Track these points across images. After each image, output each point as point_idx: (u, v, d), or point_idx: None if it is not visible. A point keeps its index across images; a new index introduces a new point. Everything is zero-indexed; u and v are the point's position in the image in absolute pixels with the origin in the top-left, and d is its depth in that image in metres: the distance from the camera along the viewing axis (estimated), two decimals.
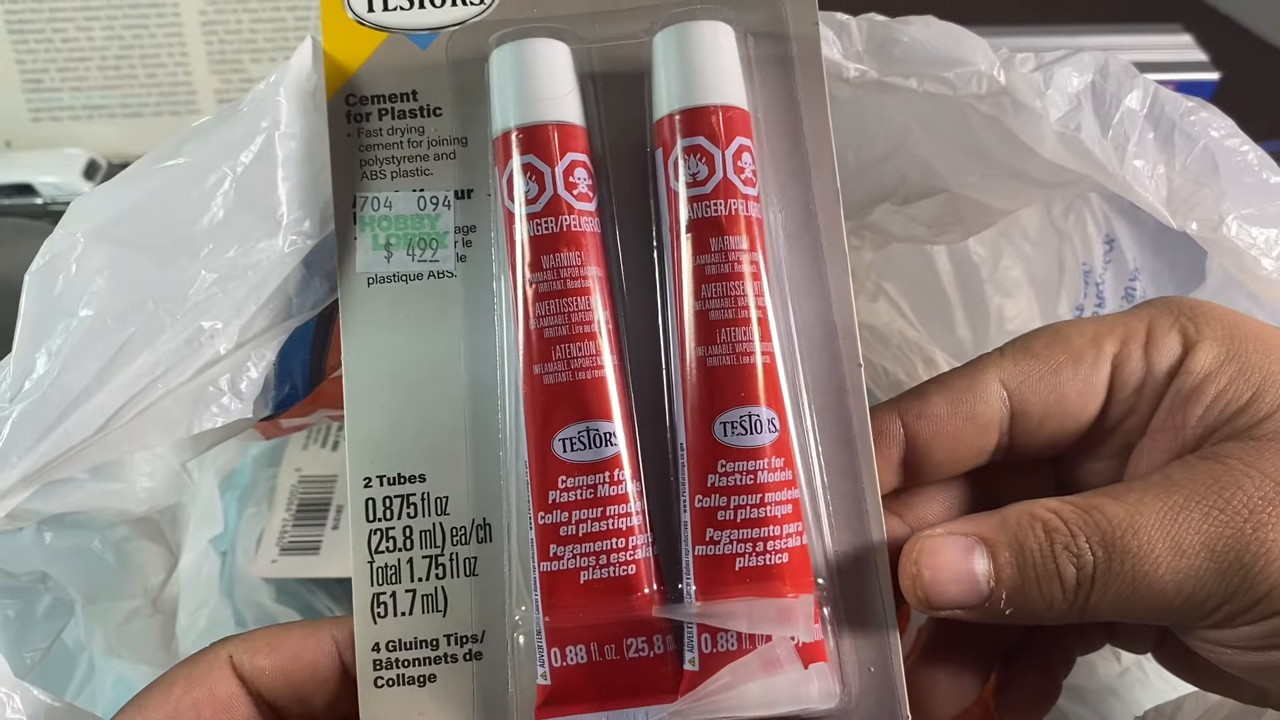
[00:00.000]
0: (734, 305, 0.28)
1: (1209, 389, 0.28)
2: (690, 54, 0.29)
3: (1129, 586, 0.26)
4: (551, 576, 0.28)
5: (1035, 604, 0.27)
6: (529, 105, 0.29)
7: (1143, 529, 0.26)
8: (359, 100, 0.31)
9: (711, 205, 0.28)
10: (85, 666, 0.37)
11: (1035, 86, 0.32)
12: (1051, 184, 0.35)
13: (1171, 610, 0.26)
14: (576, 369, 0.28)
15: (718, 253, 0.28)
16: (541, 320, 0.28)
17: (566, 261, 0.28)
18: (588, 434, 0.28)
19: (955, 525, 0.28)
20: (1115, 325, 0.30)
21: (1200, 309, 0.30)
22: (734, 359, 0.28)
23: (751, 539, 0.28)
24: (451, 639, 0.29)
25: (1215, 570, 0.26)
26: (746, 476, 0.28)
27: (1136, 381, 0.29)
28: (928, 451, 0.30)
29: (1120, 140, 0.31)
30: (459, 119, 0.31)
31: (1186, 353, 0.29)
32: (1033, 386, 0.29)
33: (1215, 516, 0.26)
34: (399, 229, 0.31)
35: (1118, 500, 0.27)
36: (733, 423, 0.28)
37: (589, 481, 0.28)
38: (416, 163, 0.31)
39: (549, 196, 0.29)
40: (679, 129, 0.29)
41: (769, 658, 0.27)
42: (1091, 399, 0.29)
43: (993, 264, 0.41)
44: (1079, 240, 0.40)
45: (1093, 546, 0.26)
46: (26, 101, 0.64)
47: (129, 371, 0.29)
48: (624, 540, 0.28)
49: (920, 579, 0.28)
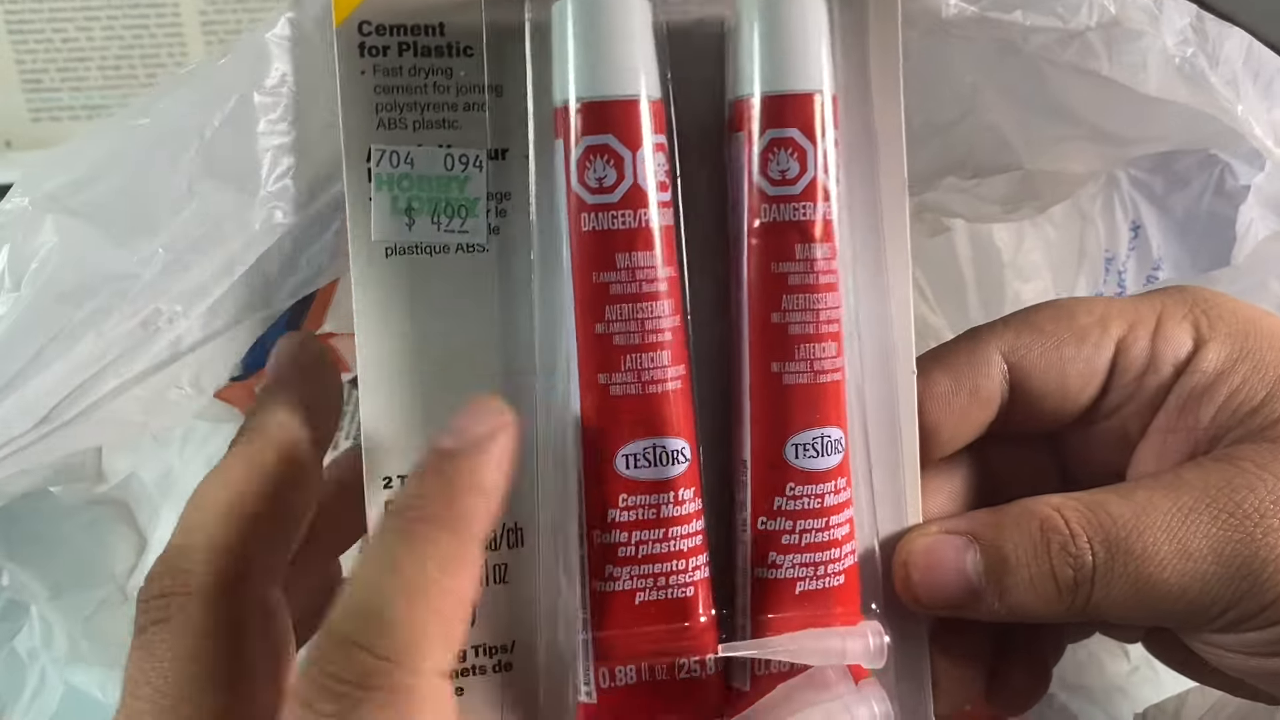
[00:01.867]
0: (815, 319, 0.26)
1: (1221, 388, 0.28)
2: (784, 26, 0.26)
3: (1131, 588, 0.26)
4: (605, 597, 0.26)
5: (1030, 604, 0.27)
6: (609, 74, 0.25)
7: (1148, 530, 0.26)
8: (374, 30, 0.26)
9: (800, 208, 0.26)
10: (37, 677, 0.34)
11: (1150, 13, 0.30)
12: (1132, 140, 0.34)
13: (1174, 614, 0.27)
14: (647, 380, 0.26)
15: (803, 261, 0.26)
16: (612, 325, 0.25)
17: (643, 261, 0.25)
18: (654, 450, 0.26)
19: (949, 523, 0.28)
20: (1125, 308, 0.29)
21: (1214, 301, 0.29)
22: (812, 377, 0.26)
23: (813, 563, 0.27)
24: (480, 650, 0.27)
25: (1221, 575, 0.26)
26: (814, 500, 0.27)
27: (1139, 368, 0.29)
28: (935, 430, 0.29)
29: (1230, 78, 0.31)
30: (494, 62, 0.27)
31: (1198, 348, 0.29)
32: (1034, 360, 0.29)
33: (1225, 520, 0.26)
34: (422, 191, 0.27)
35: (1125, 499, 0.27)
36: (805, 444, 0.26)
37: (652, 501, 0.26)
38: (443, 112, 0.27)
39: (628, 185, 0.25)
40: (768, 115, 0.26)
41: (821, 679, 0.27)
42: (1091, 380, 0.29)
43: (1014, 247, 0.40)
44: (1104, 226, 0.39)
45: (1094, 546, 0.26)
46: (26, 101, 0.63)
47: (73, 355, 0.26)
48: (684, 562, 0.26)
49: (911, 580, 0.28)
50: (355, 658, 0.21)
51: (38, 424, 0.26)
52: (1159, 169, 0.39)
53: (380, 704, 0.21)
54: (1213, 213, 0.38)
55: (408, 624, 0.22)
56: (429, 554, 0.22)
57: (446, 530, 0.23)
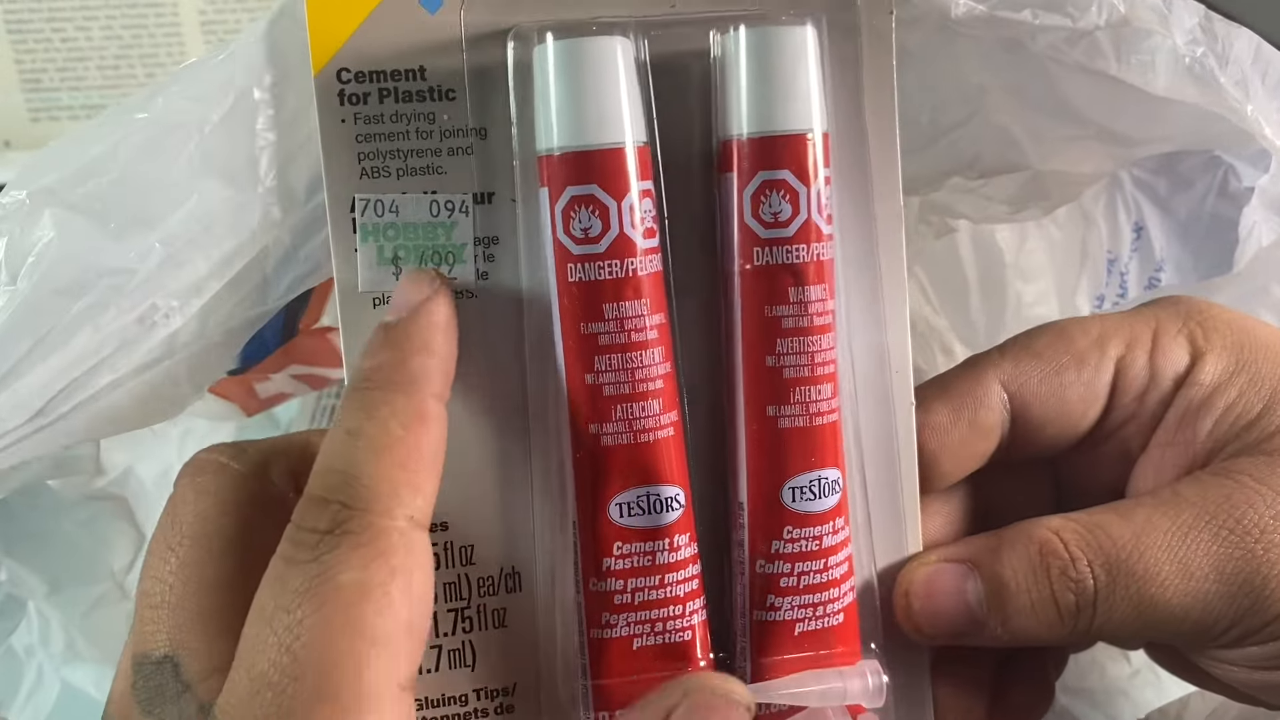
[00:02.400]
0: (810, 362, 0.26)
1: (1218, 401, 0.28)
2: (773, 64, 0.25)
3: (1133, 610, 0.26)
4: (602, 644, 0.26)
5: (1032, 629, 0.27)
6: (591, 123, 0.24)
7: (1149, 550, 0.26)
8: (354, 77, 0.26)
9: (793, 251, 0.25)
10: (34, 675, 0.35)
11: (1159, 13, 0.30)
12: (1140, 141, 0.33)
13: (1178, 633, 0.26)
14: (639, 430, 0.25)
15: (796, 304, 0.26)
16: (601, 376, 0.25)
17: (631, 311, 0.25)
18: (648, 499, 0.26)
19: (949, 550, 0.28)
20: (1120, 326, 0.29)
21: (1209, 313, 0.29)
22: (807, 420, 0.26)
23: (813, 604, 0.27)
24: (481, 694, 0.27)
25: (1223, 593, 0.26)
26: (812, 542, 0.26)
27: (1139, 388, 0.29)
28: (934, 463, 0.29)
29: (1239, 79, 0.30)
30: (477, 105, 0.26)
31: (1194, 361, 0.28)
32: (1033, 389, 0.29)
33: (1225, 537, 0.26)
34: (408, 239, 0.26)
35: (1124, 519, 0.27)
36: (802, 488, 0.26)
37: (647, 549, 0.26)
38: (427, 158, 0.26)
39: (614, 236, 0.25)
40: (759, 157, 0.25)
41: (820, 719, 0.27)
42: (1093, 403, 0.29)
43: (1017, 248, 0.40)
44: (1107, 227, 0.39)
45: (1094, 569, 0.26)
46: (25, 101, 0.62)
47: (69, 350, 0.26)
48: (680, 607, 0.26)
49: (912, 610, 0.28)
50: (328, 509, 0.22)
51: (33, 417, 0.26)
52: (1162, 170, 0.38)
53: (353, 545, 0.22)
54: (1216, 214, 0.38)
55: (375, 476, 0.23)
56: (388, 414, 0.23)
57: (402, 392, 0.24)
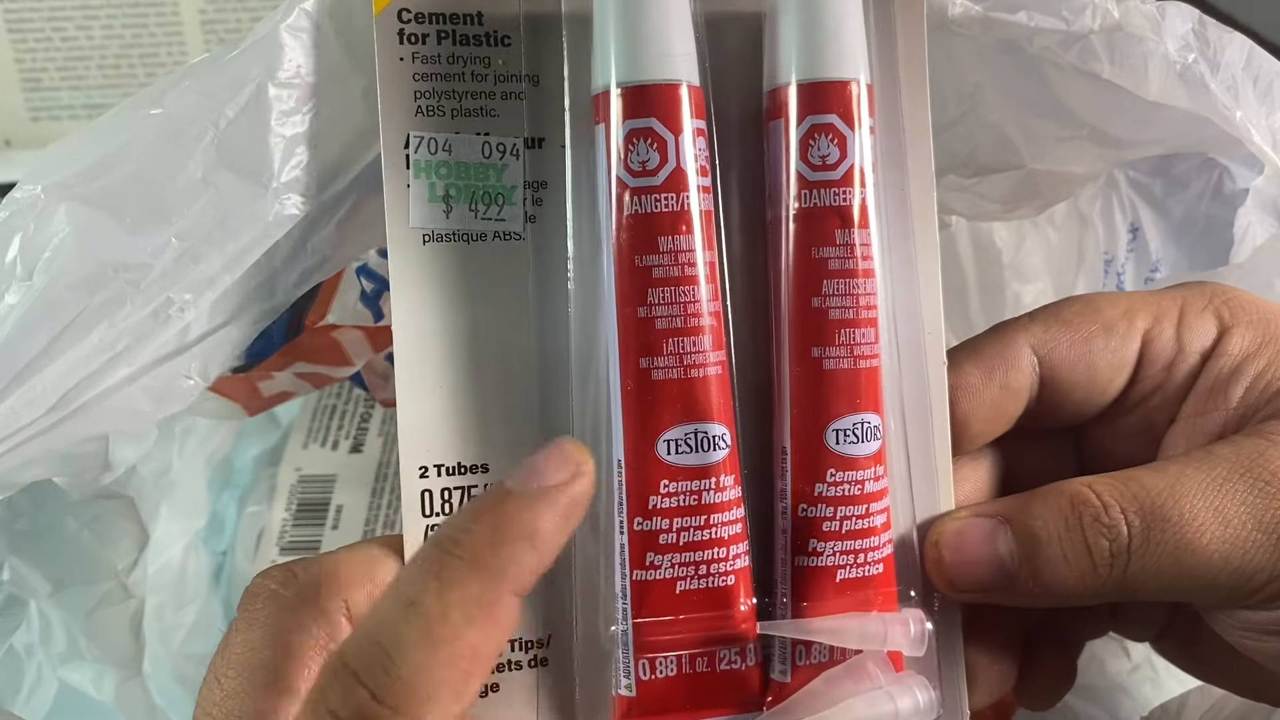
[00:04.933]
0: (855, 305, 0.26)
1: (1249, 369, 0.28)
2: (822, 15, 0.26)
3: (1171, 557, 0.26)
4: (645, 586, 0.26)
5: (1066, 582, 0.26)
6: (651, 59, 0.25)
7: (1184, 498, 0.26)
8: (414, 17, 0.26)
9: (841, 193, 0.26)
10: (34, 674, 0.34)
11: (1152, 20, 0.31)
12: (1133, 143, 0.34)
13: (1216, 586, 0.26)
14: (689, 365, 0.25)
15: (843, 246, 0.26)
16: (654, 309, 0.25)
17: (685, 245, 0.25)
18: (695, 436, 0.26)
19: (980, 507, 0.28)
20: (1148, 301, 0.30)
21: (1232, 294, 0.30)
22: (852, 362, 0.26)
23: (854, 550, 0.27)
24: (516, 645, 0.27)
25: (1263, 542, 0.25)
26: (855, 486, 0.26)
27: (1167, 359, 0.29)
28: (966, 423, 0.29)
29: (1230, 84, 0.32)
30: (531, 53, 0.27)
31: (1222, 335, 0.29)
32: (1063, 354, 0.29)
33: (1262, 489, 0.25)
34: (460, 178, 0.27)
35: (1158, 472, 0.27)
36: (846, 430, 0.26)
37: (694, 487, 0.26)
38: (481, 100, 0.27)
39: (671, 169, 0.25)
40: (808, 102, 0.26)
41: (861, 669, 0.27)
42: (1120, 371, 0.29)
43: (1015, 248, 0.41)
44: (1103, 227, 0.40)
45: (1128, 516, 0.26)
46: (26, 101, 0.63)
47: (84, 345, 0.26)
48: (725, 550, 0.26)
49: (943, 563, 0.28)
50: (356, 696, 0.20)
51: (48, 411, 0.26)
52: (1158, 171, 0.40)
53: None
54: (1211, 215, 0.39)
55: (418, 673, 0.20)
56: (456, 600, 0.21)
57: (482, 576, 0.21)
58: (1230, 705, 0.33)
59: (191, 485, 0.45)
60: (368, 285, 0.35)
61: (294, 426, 0.51)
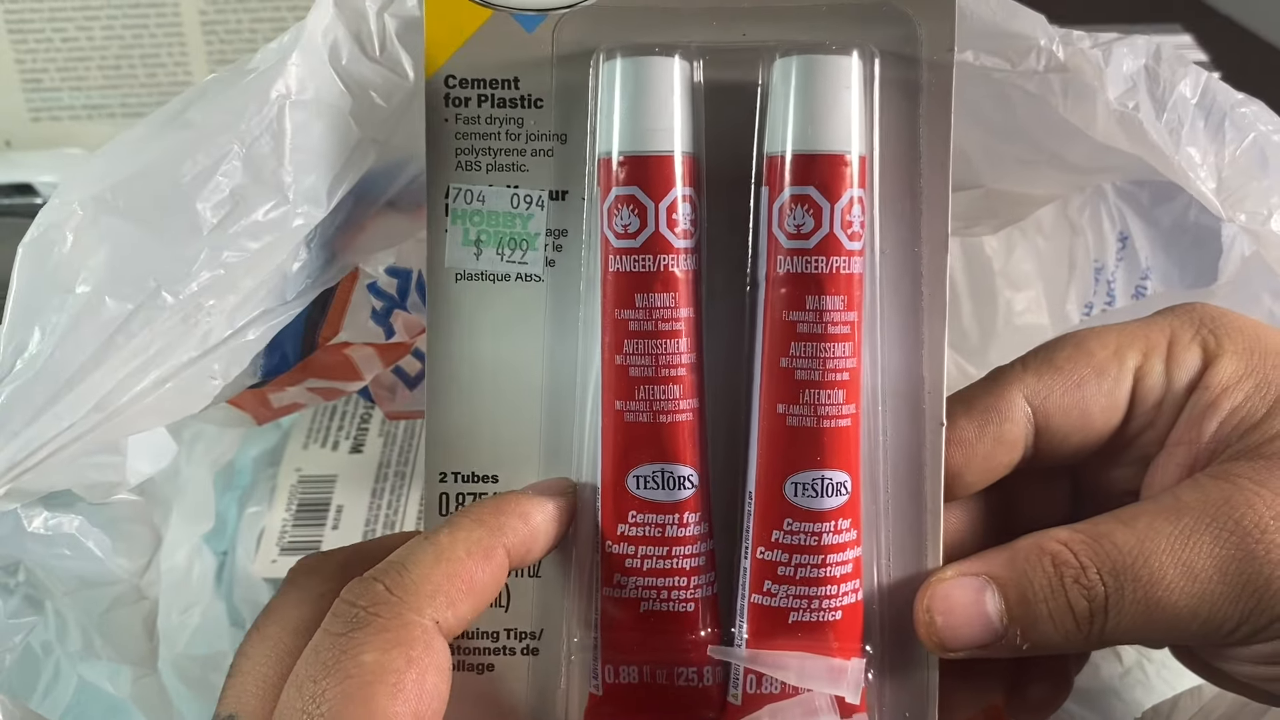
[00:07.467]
0: (821, 367, 0.28)
1: (1224, 404, 0.28)
2: (813, 92, 0.27)
3: (1142, 613, 0.27)
4: (612, 602, 0.29)
5: (1050, 637, 0.28)
6: (637, 133, 0.28)
7: (1153, 555, 0.27)
8: (459, 83, 0.30)
9: (812, 261, 0.27)
10: (51, 671, 0.36)
11: (1095, 64, 0.31)
12: (1093, 170, 0.34)
13: (1189, 633, 0.27)
14: (658, 410, 0.28)
15: (812, 311, 0.28)
16: (628, 358, 0.28)
17: (660, 303, 0.28)
18: (662, 475, 0.28)
19: (965, 565, 0.29)
20: (1136, 336, 0.30)
21: (1222, 320, 0.30)
22: (814, 421, 0.28)
23: (807, 595, 0.28)
24: (511, 633, 0.31)
25: (1228, 593, 0.26)
26: (811, 537, 0.28)
27: (1157, 396, 0.29)
28: (958, 475, 0.30)
29: (1174, 125, 0.31)
30: (560, 114, 0.30)
31: (1206, 366, 0.29)
32: (1056, 401, 0.29)
33: (1226, 538, 0.26)
34: (490, 226, 0.30)
35: (1127, 526, 0.27)
36: (804, 484, 0.28)
37: (658, 520, 0.28)
38: (513, 157, 0.30)
39: (649, 234, 0.28)
40: (790, 173, 0.27)
41: (809, 705, 0.28)
42: (1114, 413, 0.30)
43: (1005, 256, 0.41)
44: (1093, 236, 0.40)
45: (1103, 576, 0.27)
46: (26, 101, 0.63)
47: (126, 351, 0.28)
48: (686, 579, 0.29)
49: (934, 625, 0.28)
50: (372, 590, 0.25)
51: (87, 414, 0.27)
52: (1145, 181, 0.39)
53: (379, 628, 0.24)
54: (1199, 224, 0.39)
55: (422, 575, 0.25)
56: (461, 538, 0.27)
57: (483, 530, 0.27)
58: (1221, 707, 0.32)
59: (199, 490, 0.45)
60: (377, 303, 0.38)
61: (294, 427, 0.51)
